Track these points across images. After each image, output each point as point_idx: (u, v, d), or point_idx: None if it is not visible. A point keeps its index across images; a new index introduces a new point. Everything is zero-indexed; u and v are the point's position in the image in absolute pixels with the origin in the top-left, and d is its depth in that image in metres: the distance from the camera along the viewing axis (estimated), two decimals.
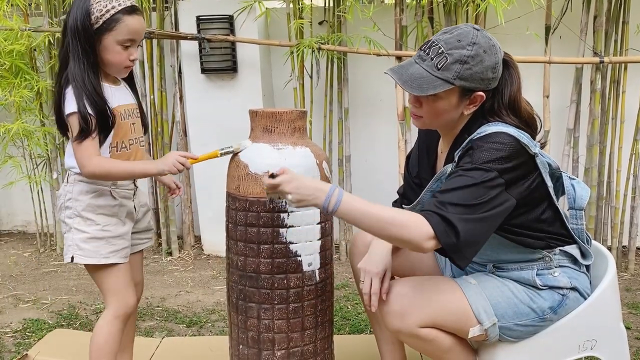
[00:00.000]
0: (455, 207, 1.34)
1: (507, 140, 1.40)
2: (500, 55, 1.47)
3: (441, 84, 1.42)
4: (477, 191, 1.36)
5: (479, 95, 1.46)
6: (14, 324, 2.59)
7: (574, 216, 1.59)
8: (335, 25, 3.13)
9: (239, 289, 1.67)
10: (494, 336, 1.52)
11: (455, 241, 1.33)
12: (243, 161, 1.62)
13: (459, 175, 1.39)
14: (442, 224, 1.33)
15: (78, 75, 1.54)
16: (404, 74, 1.45)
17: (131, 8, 1.57)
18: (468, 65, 1.41)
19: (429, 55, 1.45)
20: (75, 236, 1.64)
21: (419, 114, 1.52)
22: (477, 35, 1.44)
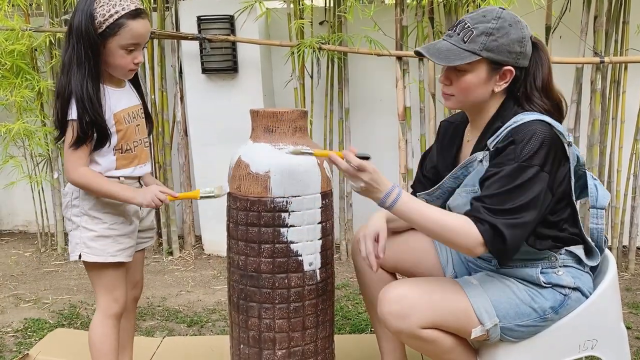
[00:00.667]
0: (503, 213, 1.40)
1: (544, 130, 1.42)
2: (526, 32, 1.49)
3: (468, 55, 1.45)
4: (522, 191, 1.40)
5: (509, 70, 1.48)
6: (15, 324, 2.59)
7: (595, 215, 1.60)
8: (336, 25, 3.14)
9: (239, 289, 1.67)
10: (495, 336, 1.52)
11: (502, 247, 1.41)
12: (244, 161, 1.62)
13: (503, 175, 1.41)
14: (491, 231, 1.40)
15: (79, 82, 1.54)
16: (431, 48, 1.50)
17: (135, 12, 1.55)
18: (493, 37, 1.45)
19: (455, 31, 1.49)
20: (82, 234, 1.65)
21: (449, 92, 1.54)
22: (502, 12, 1.48)
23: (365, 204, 3.44)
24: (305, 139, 1.67)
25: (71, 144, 1.56)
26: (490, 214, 1.40)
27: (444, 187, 1.61)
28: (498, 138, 1.47)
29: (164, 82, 3.36)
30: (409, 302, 1.48)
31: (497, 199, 1.41)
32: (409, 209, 1.43)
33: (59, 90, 1.58)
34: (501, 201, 1.40)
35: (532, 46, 1.51)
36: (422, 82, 3.05)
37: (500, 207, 1.40)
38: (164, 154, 3.41)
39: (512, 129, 1.45)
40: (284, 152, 1.58)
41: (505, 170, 1.41)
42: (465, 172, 1.54)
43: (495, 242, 1.40)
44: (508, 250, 1.42)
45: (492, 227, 1.40)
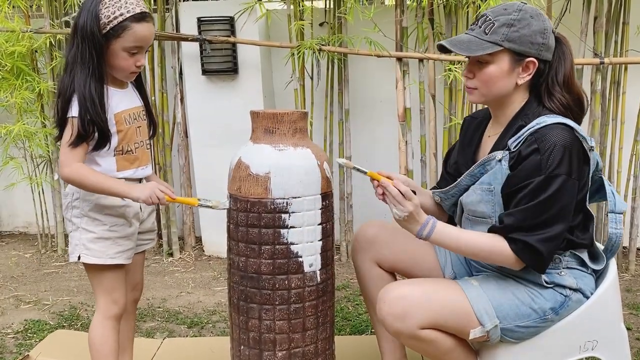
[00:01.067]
0: (535, 229, 1.43)
1: (567, 136, 1.42)
2: (548, 24, 1.50)
3: (490, 46, 1.46)
4: (552, 203, 1.42)
5: (531, 62, 1.48)
6: (15, 325, 2.59)
7: (614, 220, 1.60)
8: (336, 27, 3.14)
9: (240, 290, 1.67)
10: (495, 337, 1.52)
11: (539, 262, 1.46)
12: (244, 162, 1.62)
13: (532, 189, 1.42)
14: (525, 249, 1.44)
15: (82, 81, 1.54)
16: (454, 40, 1.52)
17: (140, 15, 1.54)
18: (515, 27, 1.45)
19: (477, 25, 1.51)
20: (82, 236, 1.65)
21: (473, 85, 1.54)
22: (524, 4, 1.50)
23: (365, 205, 3.46)
24: (305, 140, 1.67)
25: (70, 142, 1.55)
26: (523, 232, 1.43)
27: (460, 186, 1.61)
28: (519, 140, 1.47)
29: (164, 84, 3.37)
30: (409, 303, 1.48)
31: (528, 214, 1.42)
32: (442, 237, 1.50)
33: (61, 89, 1.58)
34: (532, 216, 1.42)
35: (555, 40, 1.51)
36: (422, 84, 3.05)
37: (532, 223, 1.42)
38: (164, 155, 3.41)
39: (535, 132, 1.44)
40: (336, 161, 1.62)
41: (533, 184, 1.42)
42: (482, 170, 1.55)
43: (531, 258, 1.45)
44: (545, 262, 1.47)
45: (525, 244, 1.43)
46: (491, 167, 1.52)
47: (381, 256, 1.77)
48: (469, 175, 1.57)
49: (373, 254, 1.78)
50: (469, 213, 1.61)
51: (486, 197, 1.53)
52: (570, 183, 1.42)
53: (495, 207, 1.52)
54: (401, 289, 1.52)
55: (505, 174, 1.49)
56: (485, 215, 1.55)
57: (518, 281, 1.55)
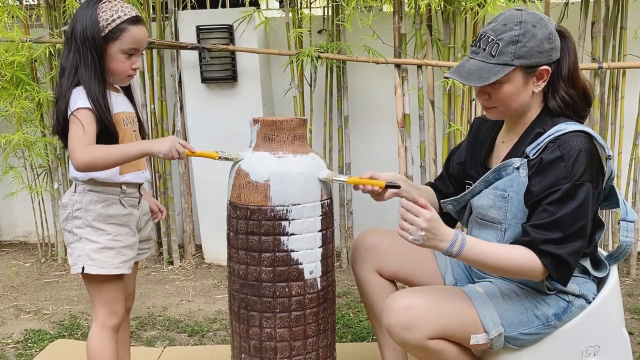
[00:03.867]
0: (565, 241, 1.40)
1: (588, 143, 1.41)
2: (551, 25, 1.47)
3: (501, 69, 1.43)
4: (581, 213, 1.40)
5: (545, 70, 1.46)
6: (15, 335, 2.58)
7: (625, 228, 1.58)
8: (334, 34, 3.15)
9: (240, 298, 1.67)
10: (498, 345, 1.51)
11: (568, 274, 1.44)
12: (244, 170, 1.62)
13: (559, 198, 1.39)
14: (556, 263, 1.41)
15: (87, 80, 1.56)
16: (462, 71, 1.47)
17: (135, 18, 1.60)
18: (521, 43, 1.42)
19: (480, 47, 1.47)
20: (86, 246, 1.64)
21: (491, 105, 1.52)
22: (522, 14, 1.45)
23: (366, 212, 3.45)
24: (305, 147, 1.67)
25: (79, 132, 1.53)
26: (554, 245, 1.40)
27: (474, 192, 1.59)
28: (539, 147, 1.44)
29: (164, 92, 3.37)
30: (417, 313, 1.45)
31: (559, 225, 1.39)
32: (473, 254, 1.42)
33: (59, 94, 1.59)
34: (563, 227, 1.39)
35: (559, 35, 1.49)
36: (421, 90, 3.06)
37: (563, 235, 1.39)
38: (163, 164, 3.42)
39: (556, 140, 1.42)
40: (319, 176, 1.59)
41: (560, 192, 1.39)
42: (497, 176, 1.52)
43: (561, 272, 1.42)
44: (571, 275, 1.45)
45: (555, 258, 1.40)
46: (507, 173, 1.50)
47: (381, 264, 1.76)
48: (483, 181, 1.55)
49: (373, 263, 1.76)
50: (478, 216, 1.60)
51: (499, 203, 1.51)
52: (593, 191, 1.41)
53: (507, 214, 1.51)
54: (409, 298, 1.48)
55: (523, 183, 1.47)
56: (495, 221, 1.54)
57: (521, 288, 1.54)
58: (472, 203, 1.61)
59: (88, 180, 1.63)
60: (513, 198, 1.49)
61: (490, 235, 1.56)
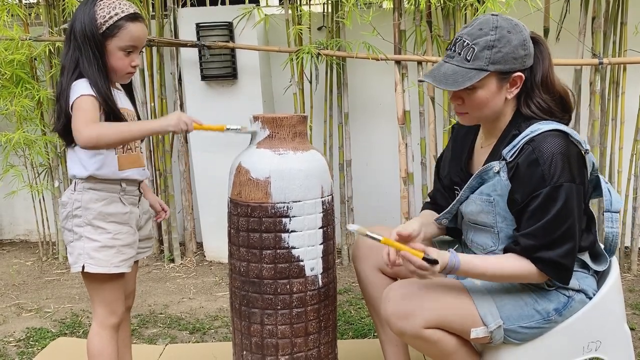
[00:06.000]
0: (555, 244, 1.42)
1: (563, 142, 1.41)
2: (526, 32, 1.48)
3: (476, 74, 1.43)
4: (566, 214, 1.41)
5: (518, 76, 1.47)
6: (17, 333, 2.59)
7: (610, 219, 1.59)
8: (334, 31, 3.14)
9: (241, 295, 1.67)
10: (498, 338, 1.51)
11: (566, 275, 1.46)
12: (244, 167, 1.62)
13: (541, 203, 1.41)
14: (553, 267, 1.43)
15: (92, 75, 1.56)
16: (437, 75, 1.47)
17: (134, 15, 1.60)
18: (496, 48, 1.43)
19: (455, 51, 1.46)
20: (86, 245, 1.63)
21: (463, 110, 1.52)
22: (497, 20, 1.45)
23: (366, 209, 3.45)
24: (305, 144, 1.67)
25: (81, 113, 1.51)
26: (545, 250, 1.42)
27: (460, 201, 1.60)
28: (515, 149, 1.45)
29: (164, 90, 3.37)
30: (414, 302, 1.47)
31: (546, 231, 1.41)
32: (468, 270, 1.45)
33: (60, 92, 1.59)
34: (550, 232, 1.41)
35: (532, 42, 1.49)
36: (421, 86, 3.05)
37: (551, 238, 1.41)
38: (164, 161, 3.42)
39: (531, 142, 1.43)
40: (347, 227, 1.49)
41: (541, 196, 1.40)
42: (481, 181, 1.53)
43: (559, 273, 1.45)
44: (570, 274, 1.47)
45: (551, 262, 1.42)
46: (489, 177, 1.51)
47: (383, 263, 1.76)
48: (467, 189, 1.56)
49: (375, 261, 1.76)
50: (470, 221, 1.61)
51: (486, 208, 1.52)
52: (576, 188, 1.41)
53: (497, 217, 1.52)
54: (406, 288, 1.51)
55: (505, 185, 1.48)
56: (487, 225, 1.55)
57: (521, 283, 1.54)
58: (461, 210, 1.62)
59: (88, 178, 1.62)
60: (499, 201, 1.50)
61: (485, 238, 1.57)
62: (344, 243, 3.37)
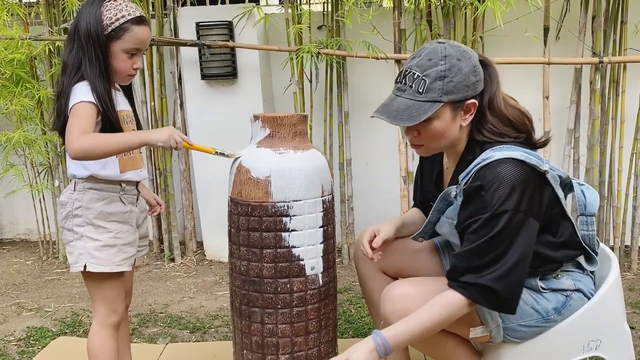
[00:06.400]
0: (486, 269, 1.37)
1: (513, 171, 1.37)
2: (474, 57, 1.45)
3: (430, 106, 1.40)
4: (501, 240, 1.37)
5: (472, 103, 1.45)
6: (17, 332, 2.59)
7: (584, 223, 1.57)
8: (334, 30, 3.14)
9: (242, 294, 1.67)
10: (498, 337, 1.52)
11: (500, 301, 1.39)
12: (245, 166, 1.62)
13: (478, 227, 1.38)
14: (479, 292, 1.38)
15: (93, 77, 1.56)
16: (390, 111, 1.44)
17: (139, 18, 1.60)
18: (448, 78, 1.40)
19: (406, 84, 1.43)
20: (87, 244, 1.63)
21: (419, 142, 1.50)
22: (445, 48, 1.43)
23: (366, 208, 3.45)
24: (305, 143, 1.67)
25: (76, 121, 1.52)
26: (473, 274, 1.38)
27: (431, 222, 1.59)
28: (468, 176, 1.44)
29: (164, 89, 3.37)
30: (412, 301, 1.47)
31: (475, 254, 1.38)
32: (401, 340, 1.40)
33: (61, 91, 1.59)
34: (480, 256, 1.38)
35: (481, 65, 1.47)
36: None
37: (480, 263, 1.38)
38: (164, 161, 3.42)
39: (480, 169, 1.41)
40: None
41: (479, 222, 1.38)
42: (444, 204, 1.53)
43: (488, 299, 1.38)
44: (506, 300, 1.39)
45: (478, 287, 1.38)
46: (450, 202, 1.51)
47: (385, 264, 1.77)
48: (435, 210, 1.56)
49: (377, 262, 1.77)
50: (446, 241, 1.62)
51: (453, 231, 1.52)
52: (519, 217, 1.37)
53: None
54: (405, 287, 1.51)
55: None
56: (457, 246, 1.56)
57: None
58: (436, 229, 1.62)
59: (88, 178, 1.62)
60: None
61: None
62: (344, 242, 3.37)
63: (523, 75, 3.21)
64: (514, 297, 1.40)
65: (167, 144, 1.54)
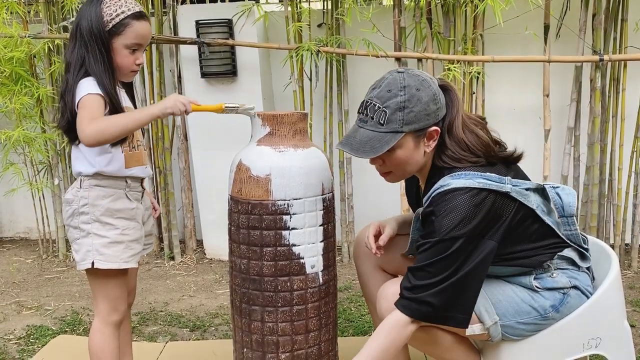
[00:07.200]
0: (426, 287, 1.40)
1: (465, 198, 1.38)
2: (434, 85, 1.46)
3: (392, 137, 1.42)
4: (447, 262, 1.39)
5: (434, 130, 1.46)
6: (17, 331, 2.59)
7: (565, 223, 1.57)
8: (334, 28, 3.14)
9: (242, 292, 1.67)
10: (496, 335, 1.51)
11: (437, 315, 1.41)
12: (245, 164, 1.62)
13: (427, 249, 1.41)
14: (417, 308, 1.41)
15: (99, 73, 1.57)
16: (353, 143, 1.46)
17: (139, 14, 1.61)
18: (408, 109, 1.42)
19: (368, 115, 1.45)
20: (95, 241, 1.63)
21: (386, 170, 1.53)
22: (404, 78, 1.44)
23: (367, 206, 3.45)
24: (305, 141, 1.66)
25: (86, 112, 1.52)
26: (415, 291, 1.41)
27: (414, 240, 1.60)
28: (427, 200, 1.46)
29: (163, 87, 3.36)
30: None
31: (422, 273, 1.41)
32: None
33: (65, 88, 1.59)
34: (425, 275, 1.40)
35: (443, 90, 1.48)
36: None
37: (425, 282, 1.40)
38: (164, 159, 3.41)
39: (435, 196, 1.43)
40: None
41: (428, 244, 1.41)
42: (418, 225, 1.54)
43: (426, 313, 1.41)
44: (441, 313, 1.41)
45: (417, 302, 1.41)
46: (420, 222, 1.52)
47: (385, 262, 1.77)
48: (414, 229, 1.57)
49: (376, 259, 1.77)
50: None
51: None
52: (469, 242, 1.39)
53: None
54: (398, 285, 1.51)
55: None
56: None
57: (514, 284, 1.54)
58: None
59: (94, 175, 1.63)
60: None
61: None
62: (345, 240, 3.37)
63: (523, 73, 3.21)
64: (455, 308, 1.42)
65: (175, 109, 1.56)
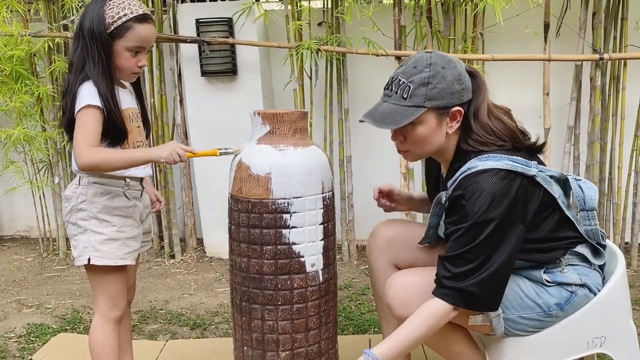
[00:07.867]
0: (468, 275, 1.41)
1: (495, 180, 1.39)
2: (461, 66, 1.48)
3: (414, 111, 1.44)
4: (483, 247, 1.40)
5: (457, 111, 1.47)
6: (18, 329, 2.59)
7: (585, 217, 1.58)
8: (334, 27, 3.14)
9: (242, 291, 1.67)
10: (499, 328, 1.51)
11: (480, 304, 1.44)
12: (245, 163, 1.62)
13: (461, 235, 1.41)
14: (461, 297, 1.42)
15: (96, 77, 1.57)
16: (376, 114, 1.49)
17: (143, 16, 1.60)
18: (432, 84, 1.43)
19: (392, 90, 1.48)
20: (91, 238, 1.64)
21: (405, 148, 1.54)
22: (431, 57, 1.46)
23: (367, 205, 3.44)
24: (306, 140, 1.67)
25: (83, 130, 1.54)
26: (455, 280, 1.42)
27: (432, 226, 1.62)
28: (455, 183, 1.46)
29: (163, 86, 3.36)
30: (414, 290, 1.50)
31: (459, 261, 1.41)
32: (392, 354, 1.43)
33: (67, 88, 1.59)
34: (462, 262, 1.41)
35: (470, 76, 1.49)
36: None
37: (463, 269, 1.41)
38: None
39: (463, 178, 1.43)
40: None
41: (461, 231, 1.41)
42: (441, 208, 1.55)
43: (470, 302, 1.42)
44: (487, 302, 1.44)
45: (459, 292, 1.41)
46: (442, 206, 1.53)
47: (399, 259, 1.79)
48: (433, 215, 1.58)
49: (391, 256, 1.79)
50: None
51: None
52: (500, 225, 1.39)
53: None
54: (407, 276, 1.55)
55: None
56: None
57: (522, 277, 1.54)
58: (439, 233, 1.64)
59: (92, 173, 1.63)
60: None
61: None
62: (345, 239, 3.37)
63: (523, 72, 3.21)
64: (496, 297, 1.45)
65: (169, 160, 1.58)
